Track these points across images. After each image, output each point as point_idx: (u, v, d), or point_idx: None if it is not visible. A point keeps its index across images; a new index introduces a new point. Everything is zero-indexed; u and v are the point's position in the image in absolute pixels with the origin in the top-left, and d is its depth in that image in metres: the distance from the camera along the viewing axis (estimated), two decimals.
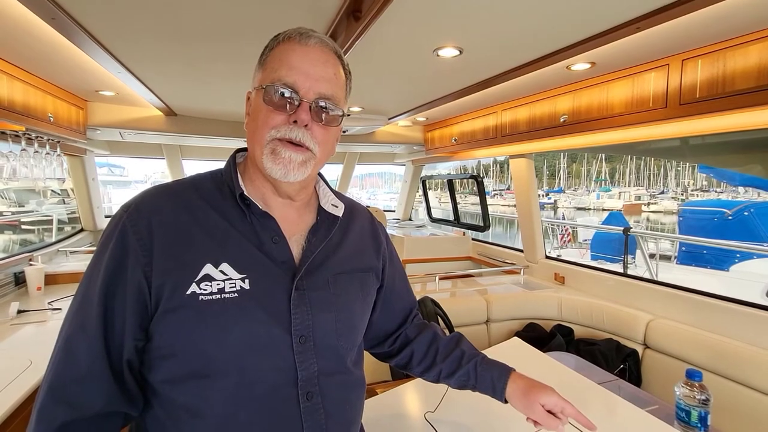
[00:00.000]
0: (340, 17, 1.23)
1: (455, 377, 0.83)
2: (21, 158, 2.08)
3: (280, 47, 0.65)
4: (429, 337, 0.88)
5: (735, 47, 1.37)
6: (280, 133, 0.63)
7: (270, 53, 0.66)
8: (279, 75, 0.63)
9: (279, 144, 0.63)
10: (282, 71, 0.63)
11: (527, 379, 0.80)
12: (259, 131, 0.64)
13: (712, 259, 5.99)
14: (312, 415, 0.64)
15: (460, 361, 0.83)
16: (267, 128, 0.63)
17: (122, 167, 19.15)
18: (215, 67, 1.83)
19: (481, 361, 0.83)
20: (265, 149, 0.63)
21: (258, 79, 0.67)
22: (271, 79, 0.63)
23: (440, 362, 0.84)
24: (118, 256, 0.59)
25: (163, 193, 0.66)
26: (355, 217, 0.80)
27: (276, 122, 0.63)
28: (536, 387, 0.78)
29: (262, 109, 0.64)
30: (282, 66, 0.63)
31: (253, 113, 0.66)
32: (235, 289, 0.61)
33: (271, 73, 0.64)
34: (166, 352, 0.60)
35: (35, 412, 0.57)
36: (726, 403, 1.62)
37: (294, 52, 0.64)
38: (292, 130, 0.63)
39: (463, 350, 0.85)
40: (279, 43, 0.66)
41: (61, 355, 0.59)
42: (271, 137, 0.63)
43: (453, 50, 1.53)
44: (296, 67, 0.63)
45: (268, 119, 0.63)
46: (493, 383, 0.80)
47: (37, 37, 1.48)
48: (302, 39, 0.65)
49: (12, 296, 2.14)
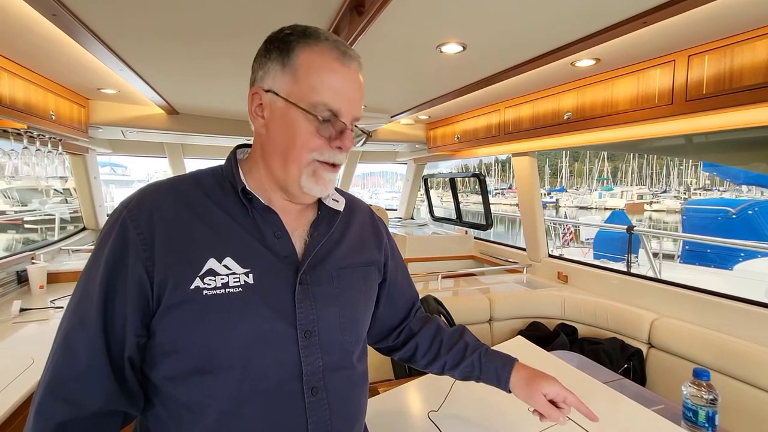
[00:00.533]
0: (343, 12, 1.22)
1: (459, 368, 0.84)
2: (23, 156, 2.07)
3: (318, 60, 0.61)
4: (433, 330, 0.89)
5: (743, 42, 1.36)
6: (324, 156, 0.63)
7: (300, 60, 0.61)
8: (323, 99, 0.61)
9: (320, 167, 0.64)
10: (327, 95, 0.61)
11: (531, 369, 0.81)
12: (297, 151, 0.62)
13: (716, 258, 5.96)
14: (317, 410, 0.63)
15: (464, 352, 0.84)
16: (307, 149, 0.62)
17: (125, 166, 19.21)
18: (217, 64, 1.82)
19: (485, 352, 0.84)
20: (305, 170, 0.63)
21: (286, 87, 0.62)
22: (314, 101, 0.61)
23: (444, 354, 0.85)
24: (118, 251, 0.58)
25: (164, 189, 0.65)
26: (356, 212, 0.80)
27: (318, 146, 0.63)
28: (539, 376, 0.79)
29: (300, 128, 0.62)
30: (324, 87, 0.61)
31: (284, 126, 0.63)
32: (239, 283, 0.60)
33: (310, 92, 0.61)
34: (169, 348, 0.59)
35: (33, 410, 0.57)
36: (731, 403, 1.60)
37: (337, 74, 0.62)
38: (335, 155, 0.64)
39: (467, 342, 0.86)
40: (310, 47, 0.61)
41: (60, 352, 0.58)
42: (312, 159, 0.63)
43: (456, 46, 1.52)
44: (341, 93, 0.62)
45: (310, 142, 0.62)
46: (497, 373, 0.81)
47: (38, 34, 1.47)
48: (345, 60, 0.62)
49: (14, 294, 2.14)
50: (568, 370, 1.35)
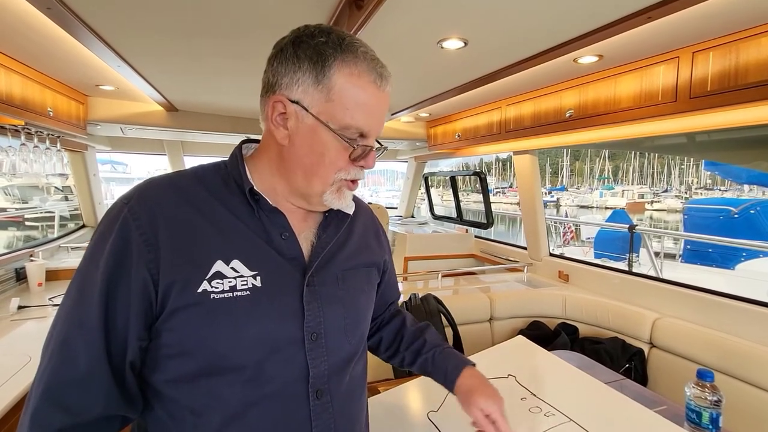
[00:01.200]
0: (342, 6, 1.20)
1: (416, 364, 0.86)
2: (20, 153, 2.06)
3: (355, 83, 0.59)
4: (397, 325, 0.91)
5: (748, 39, 1.34)
6: (350, 175, 0.64)
7: (337, 79, 0.58)
8: (357, 122, 0.60)
9: (345, 185, 0.65)
10: (360, 119, 0.60)
11: (477, 380, 0.79)
12: (325, 170, 0.62)
13: (718, 258, 5.94)
14: (321, 414, 0.62)
15: (421, 349, 0.86)
16: (335, 169, 0.62)
17: (125, 164, 19.19)
18: (216, 62, 1.81)
19: (440, 351, 0.84)
20: (331, 188, 0.64)
21: (318, 104, 0.59)
22: (346, 123, 0.60)
23: (403, 350, 0.87)
24: (119, 251, 0.56)
25: (166, 185, 0.62)
26: (359, 213, 0.79)
27: (345, 165, 0.63)
28: (480, 391, 0.76)
29: (330, 150, 0.61)
30: (358, 112, 0.60)
31: (314, 146, 0.61)
32: (247, 286, 0.59)
33: (343, 113, 0.59)
34: (175, 351, 0.57)
35: (27, 418, 0.54)
36: (733, 403, 1.58)
37: (372, 96, 0.61)
38: (359, 173, 0.65)
39: (426, 339, 0.87)
40: (350, 73, 0.59)
41: (58, 356, 0.55)
42: (339, 178, 0.63)
43: (458, 42, 1.50)
44: (372, 117, 0.62)
45: (338, 162, 0.62)
46: (445, 375, 0.81)
47: (35, 29, 1.45)
48: (382, 84, 0.62)
49: (12, 292, 2.14)
50: (568, 369, 1.33)
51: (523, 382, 1.16)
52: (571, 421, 0.98)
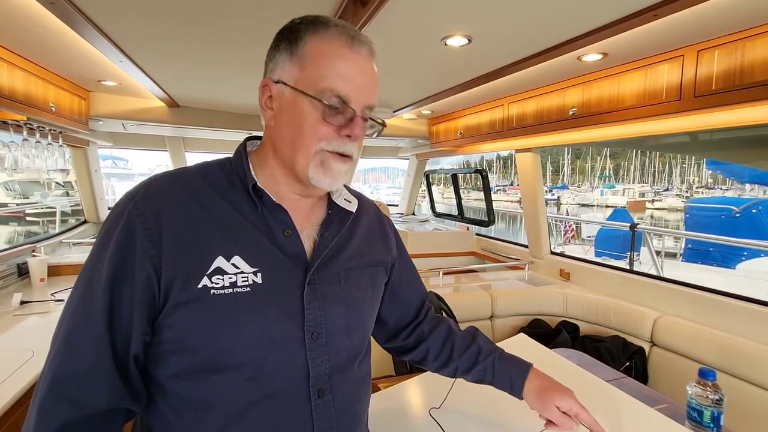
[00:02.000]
0: (347, 2, 1.20)
1: (472, 373, 0.83)
2: (23, 148, 2.06)
3: (324, 43, 0.60)
4: (444, 333, 0.87)
5: (754, 37, 1.33)
6: (332, 146, 0.61)
7: (309, 45, 0.60)
8: (331, 85, 0.59)
9: (330, 157, 0.61)
10: (334, 80, 0.59)
11: (544, 379, 0.80)
12: (306, 140, 0.61)
13: (719, 257, 5.94)
14: (323, 413, 0.62)
15: (477, 356, 0.83)
16: (315, 139, 0.60)
17: (126, 160, 19.17)
18: (218, 58, 1.80)
19: (499, 357, 0.83)
20: (313, 160, 0.61)
21: (293, 74, 0.61)
22: (321, 87, 0.59)
23: (456, 358, 0.84)
24: (124, 246, 0.56)
25: (171, 182, 0.63)
26: (364, 212, 0.78)
27: (326, 134, 0.60)
28: (552, 388, 0.78)
29: (308, 117, 0.60)
30: (332, 73, 0.59)
31: (292, 116, 0.61)
32: (248, 283, 0.59)
33: (318, 78, 0.59)
34: (176, 346, 0.58)
35: (35, 410, 0.55)
36: (733, 402, 1.59)
37: (345, 60, 0.60)
38: (345, 145, 0.61)
39: (480, 346, 0.84)
40: (319, 35, 0.60)
41: (64, 350, 0.56)
42: (321, 148, 0.61)
43: (462, 39, 1.50)
44: (349, 79, 0.60)
45: (317, 130, 0.60)
46: (511, 381, 0.80)
47: (38, 24, 1.45)
48: (354, 45, 0.60)
49: (15, 287, 2.14)
50: (569, 367, 1.33)
51: None
52: None
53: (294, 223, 0.65)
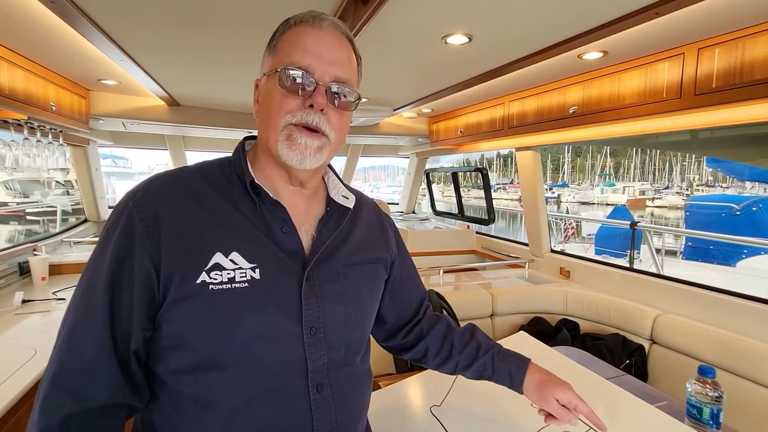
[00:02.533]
0: (347, 2, 1.20)
1: (472, 369, 0.84)
2: (23, 147, 2.06)
3: (292, 31, 0.63)
4: (443, 330, 0.88)
5: (755, 35, 1.33)
6: (296, 118, 0.61)
7: (281, 37, 0.64)
8: (292, 59, 0.61)
9: (295, 129, 0.62)
10: (296, 55, 0.61)
11: (543, 373, 0.81)
12: (273, 117, 0.62)
13: (719, 255, 5.94)
14: (321, 408, 0.63)
15: (476, 352, 0.84)
16: (281, 113, 0.61)
17: (126, 158, 19.16)
18: (218, 55, 1.80)
19: (498, 352, 0.83)
20: (281, 135, 0.62)
21: (268, 64, 0.65)
22: (284, 63, 0.61)
23: (456, 355, 0.85)
24: (124, 244, 0.57)
25: (171, 180, 0.64)
26: (363, 209, 0.79)
27: (291, 107, 0.61)
28: (552, 382, 0.79)
29: (275, 93, 0.62)
30: (295, 49, 0.62)
31: (265, 99, 0.65)
32: (246, 278, 0.59)
33: (283, 57, 0.62)
34: (175, 342, 0.58)
35: (38, 403, 0.56)
36: (733, 400, 1.60)
37: (307, 35, 0.62)
38: (308, 115, 0.61)
39: (479, 342, 0.85)
40: (290, 27, 0.64)
41: (66, 345, 0.57)
42: (287, 122, 0.61)
43: (462, 37, 1.50)
44: (310, 50, 0.61)
45: (283, 104, 0.61)
46: (510, 375, 0.81)
47: (38, 23, 1.45)
48: (315, 22, 0.63)
49: (16, 286, 2.15)
50: (569, 365, 1.34)
51: None
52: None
53: (292, 219, 0.66)
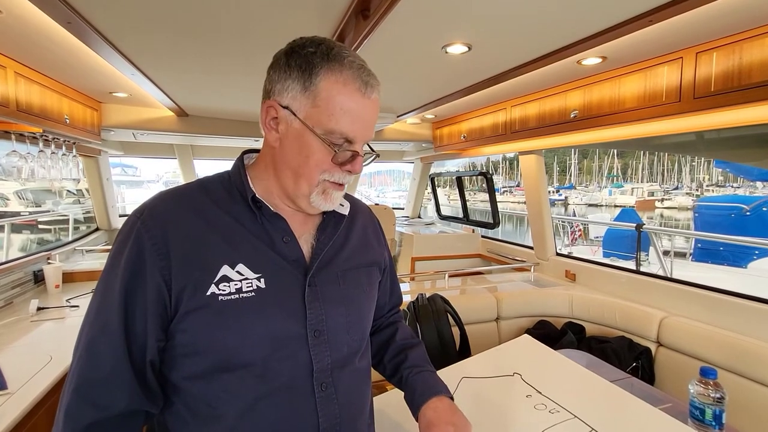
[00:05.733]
0: (349, 16, 1.24)
1: (394, 379, 0.86)
2: (39, 159, 2.13)
3: (340, 88, 0.62)
4: (386, 336, 0.90)
5: (752, 39, 1.34)
6: (334, 177, 0.66)
7: (322, 85, 0.61)
8: (341, 128, 0.62)
9: (330, 186, 0.67)
10: (344, 124, 0.62)
11: (444, 413, 0.73)
12: (311, 171, 0.65)
13: (729, 256, 5.86)
14: (326, 404, 0.66)
15: (399, 366, 0.84)
16: (319, 170, 0.65)
17: (135, 167, 19.45)
18: (225, 67, 1.85)
19: (415, 372, 0.81)
20: (316, 189, 0.66)
21: (305, 109, 0.62)
22: (331, 128, 0.62)
23: (387, 362, 0.87)
24: (134, 261, 0.61)
25: (175, 198, 0.67)
26: (358, 214, 0.83)
27: (329, 168, 0.65)
28: (439, 426, 0.71)
29: (316, 154, 0.64)
30: (343, 117, 0.62)
31: (298, 145, 0.64)
32: (252, 288, 0.63)
33: (329, 118, 0.62)
34: (189, 350, 0.62)
35: (62, 413, 0.59)
36: (742, 402, 1.59)
37: (357, 105, 0.63)
38: (345, 178, 0.67)
39: (407, 356, 0.85)
40: (335, 79, 0.62)
41: (85, 358, 0.60)
42: (324, 179, 0.66)
43: (462, 47, 1.53)
44: (357, 123, 0.63)
45: (323, 164, 0.64)
46: (412, 398, 0.78)
47: (53, 41, 1.51)
48: (367, 92, 0.64)
49: (31, 293, 2.20)
50: (574, 367, 1.35)
51: (528, 379, 1.17)
52: (575, 418, 1.00)
53: (292, 229, 0.69)
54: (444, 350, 1.92)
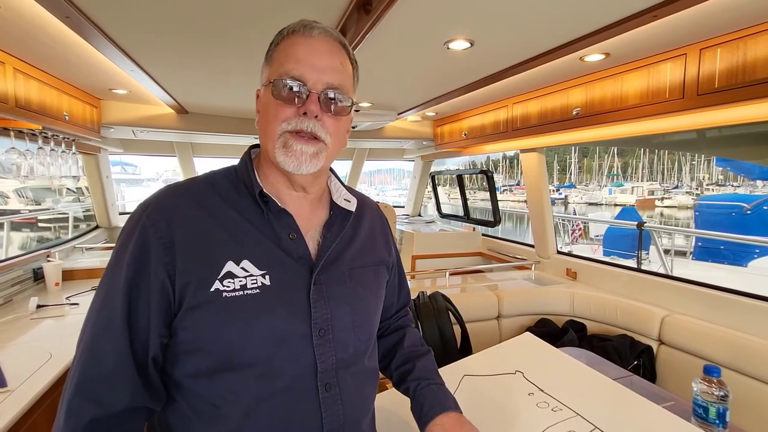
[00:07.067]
0: (351, 10, 1.23)
1: (401, 389, 0.84)
2: (38, 156, 2.12)
3: (285, 42, 0.66)
4: (394, 341, 0.88)
5: (756, 35, 1.33)
6: (291, 125, 0.63)
7: (275, 48, 0.67)
8: (286, 69, 0.63)
9: (290, 137, 0.64)
10: (288, 65, 0.64)
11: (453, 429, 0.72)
12: (270, 126, 0.64)
13: (730, 255, 5.86)
14: (330, 405, 0.65)
15: (406, 376, 0.82)
16: (277, 122, 0.64)
17: (135, 165, 19.45)
18: (226, 64, 1.84)
19: (424, 386, 0.79)
20: (277, 143, 0.64)
21: (265, 75, 0.68)
22: (278, 73, 0.64)
23: (393, 369, 0.85)
24: (139, 255, 0.60)
25: (181, 192, 0.66)
26: (366, 211, 0.81)
27: (286, 115, 0.63)
28: None
29: (271, 103, 0.64)
30: (288, 60, 0.64)
31: (263, 109, 0.67)
32: (257, 285, 0.62)
33: (278, 67, 0.65)
34: (191, 347, 0.61)
35: (63, 409, 0.59)
36: (744, 400, 1.58)
37: (299, 45, 0.64)
38: (302, 122, 0.63)
39: (415, 366, 0.82)
40: (284, 38, 0.66)
41: (87, 354, 0.59)
42: (282, 130, 0.64)
43: (464, 43, 1.52)
44: (302, 60, 0.64)
45: (278, 113, 0.64)
46: (420, 413, 0.76)
47: (52, 36, 1.50)
48: (306, 31, 0.65)
49: (31, 291, 2.20)
50: (575, 365, 1.34)
51: (530, 378, 1.17)
52: (578, 416, 0.99)
53: (298, 225, 0.68)
54: (445, 348, 1.92)
